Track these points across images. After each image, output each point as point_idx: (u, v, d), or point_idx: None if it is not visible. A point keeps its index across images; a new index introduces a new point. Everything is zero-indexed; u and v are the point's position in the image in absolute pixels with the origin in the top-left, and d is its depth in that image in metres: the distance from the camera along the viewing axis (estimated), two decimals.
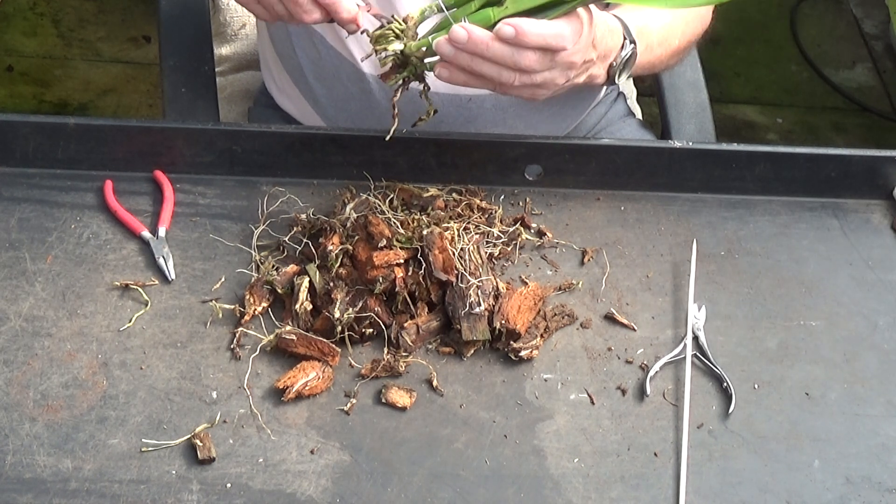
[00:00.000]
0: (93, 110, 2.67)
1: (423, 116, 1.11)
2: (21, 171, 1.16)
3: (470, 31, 1.02)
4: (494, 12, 1.05)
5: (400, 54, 1.07)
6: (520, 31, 1.02)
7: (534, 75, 1.05)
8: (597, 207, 1.22)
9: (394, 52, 1.06)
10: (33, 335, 1.02)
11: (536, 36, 1.02)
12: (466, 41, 1.02)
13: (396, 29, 1.06)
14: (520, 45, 1.03)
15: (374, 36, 1.06)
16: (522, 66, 1.04)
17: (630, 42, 1.15)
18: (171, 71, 1.43)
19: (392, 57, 1.07)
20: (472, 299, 1.04)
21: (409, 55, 1.07)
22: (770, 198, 1.25)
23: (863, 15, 3.29)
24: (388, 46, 1.06)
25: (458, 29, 1.03)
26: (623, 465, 0.98)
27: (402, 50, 1.06)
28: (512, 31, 1.02)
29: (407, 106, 1.11)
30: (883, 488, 0.99)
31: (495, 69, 1.04)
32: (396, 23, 1.06)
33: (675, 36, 1.26)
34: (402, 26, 1.07)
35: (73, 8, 2.93)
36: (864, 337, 1.12)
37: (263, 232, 1.13)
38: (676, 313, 1.11)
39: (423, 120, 1.11)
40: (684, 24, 1.26)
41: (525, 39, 1.02)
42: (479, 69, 1.04)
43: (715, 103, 1.59)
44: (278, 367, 1.02)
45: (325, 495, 0.93)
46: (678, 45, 1.27)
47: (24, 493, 0.91)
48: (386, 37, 1.06)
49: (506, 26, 1.02)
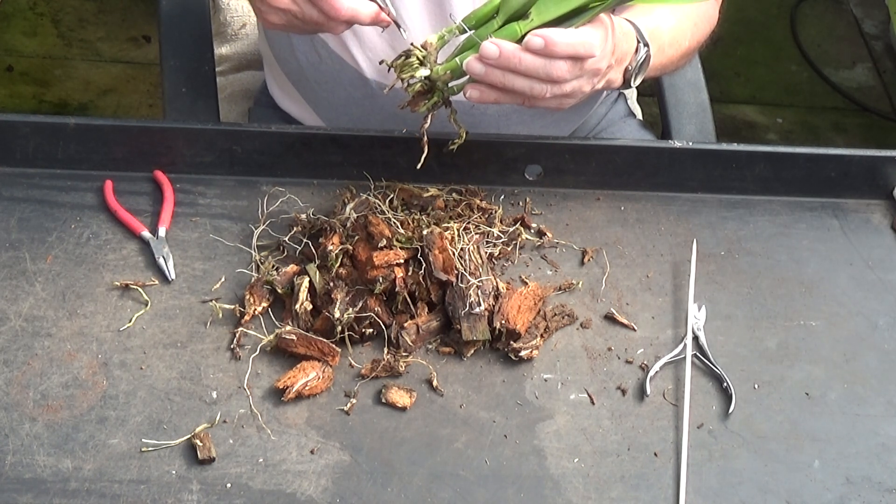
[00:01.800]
0: (93, 110, 2.67)
1: (455, 140, 1.10)
2: (21, 171, 1.16)
3: (501, 46, 1.02)
4: (521, 26, 1.05)
5: (426, 80, 1.05)
6: (549, 42, 1.02)
7: (563, 85, 1.06)
8: (597, 207, 1.22)
9: (421, 79, 1.05)
10: (33, 335, 1.02)
11: (566, 45, 1.03)
12: (498, 56, 1.02)
13: (419, 55, 1.05)
14: (550, 56, 1.03)
15: (398, 65, 1.05)
16: (554, 76, 1.04)
17: (644, 45, 1.16)
18: (171, 71, 1.43)
19: (419, 83, 1.05)
20: (472, 299, 1.04)
21: (436, 80, 1.05)
22: (770, 198, 1.25)
23: (863, 15, 3.29)
24: (415, 73, 1.05)
25: (489, 45, 1.02)
26: (623, 465, 0.98)
27: (429, 75, 1.05)
28: (541, 42, 1.02)
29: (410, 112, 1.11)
30: (883, 488, 0.99)
31: (527, 83, 1.05)
32: (417, 50, 1.05)
33: (684, 37, 1.26)
34: (423, 52, 1.05)
35: (73, 8, 2.93)
36: (864, 337, 1.12)
37: (263, 232, 1.13)
38: (676, 313, 1.11)
39: (455, 143, 1.10)
40: (693, 26, 1.26)
41: (555, 49, 1.02)
42: (511, 84, 1.04)
43: (715, 103, 1.59)
44: (278, 367, 1.02)
45: (325, 495, 0.93)
46: (688, 45, 1.28)
47: (24, 493, 0.91)
48: (410, 64, 1.05)
49: (535, 37, 1.02)
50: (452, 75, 1.06)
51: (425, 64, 1.05)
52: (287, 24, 1.11)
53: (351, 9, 1.08)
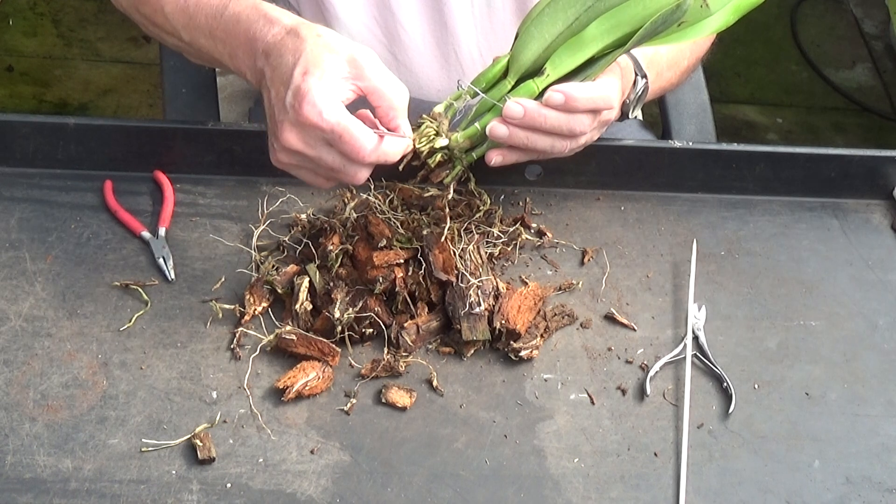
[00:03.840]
0: (93, 110, 2.67)
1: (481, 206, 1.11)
2: (21, 171, 1.16)
3: (525, 105, 1.02)
4: (537, 83, 1.05)
5: (446, 150, 1.04)
6: (569, 97, 1.02)
7: (580, 138, 1.07)
8: (597, 207, 1.22)
9: (441, 149, 1.03)
10: (33, 335, 1.02)
11: (587, 100, 1.04)
12: (523, 116, 1.02)
13: (434, 127, 1.03)
14: (571, 111, 1.03)
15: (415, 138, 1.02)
16: (577, 131, 1.05)
17: (642, 77, 1.16)
18: (171, 71, 1.43)
19: (440, 153, 1.04)
20: (472, 299, 1.04)
21: (454, 148, 1.04)
22: (770, 198, 1.25)
23: (863, 15, 3.29)
24: (434, 144, 1.03)
25: (514, 105, 1.02)
26: (623, 465, 0.98)
27: (447, 145, 1.04)
28: (562, 98, 1.02)
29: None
30: (883, 488, 0.99)
31: (549, 140, 1.05)
32: (429, 120, 1.03)
33: (683, 56, 1.27)
34: (435, 123, 1.03)
35: (73, 8, 2.93)
36: (864, 337, 1.12)
37: (263, 232, 1.13)
38: (676, 313, 1.11)
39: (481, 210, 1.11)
40: (692, 43, 1.26)
41: (576, 104, 1.03)
42: (533, 143, 1.04)
43: (715, 103, 1.59)
44: (278, 367, 1.02)
45: (325, 495, 0.93)
46: (688, 64, 1.28)
47: (24, 493, 0.91)
48: (427, 136, 1.03)
49: (555, 93, 1.02)
50: (471, 142, 1.05)
51: (441, 133, 1.03)
52: (297, 166, 1.01)
53: (381, 153, 0.98)
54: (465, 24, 1.27)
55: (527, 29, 1.05)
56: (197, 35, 1.08)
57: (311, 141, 0.97)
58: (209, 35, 1.07)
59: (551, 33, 1.04)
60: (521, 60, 1.05)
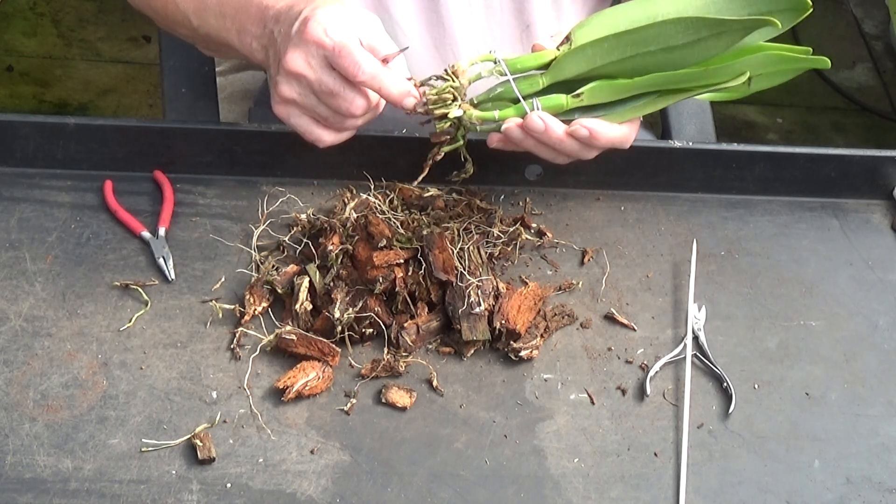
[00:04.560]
0: (93, 110, 2.68)
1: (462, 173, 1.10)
2: (21, 171, 1.16)
3: (547, 124, 1.03)
4: (568, 101, 1.05)
5: (457, 120, 1.04)
6: (594, 134, 1.04)
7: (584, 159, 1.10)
8: (597, 207, 1.22)
9: (452, 119, 1.03)
10: (33, 335, 1.02)
11: (608, 140, 1.06)
12: (542, 133, 1.03)
13: (453, 90, 1.02)
14: (590, 146, 1.06)
15: (432, 98, 1.02)
16: (585, 157, 1.08)
17: None
18: (171, 71, 1.43)
19: (450, 122, 1.03)
20: (472, 299, 1.04)
21: (465, 122, 1.04)
22: (770, 198, 1.25)
23: (863, 15, 3.29)
24: (448, 112, 1.03)
25: (536, 119, 1.03)
26: (623, 465, 0.98)
27: (461, 117, 1.04)
28: (587, 135, 1.04)
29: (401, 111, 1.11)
30: (883, 488, 0.99)
31: (553, 154, 1.08)
32: (451, 79, 1.02)
33: None
34: (455, 83, 1.02)
35: (73, 8, 2.93)
36: (864, 337, 1.12)
37: (263, 232, 1.13)
38: (676, 313, 1.11)
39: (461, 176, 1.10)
40: None
41: (597, 143, 1.05)
42: (538, 153, 1.07)
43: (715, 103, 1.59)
44: (278, 367, 1.02)
45: (325, 495, 0.93)
46: None
47: (24, 493, 0.91)
48: (445, 101, 1.03)
49: (582, 129, 1.04)
50: (483, 123, 1.05)
51: (458, 97, 1.03)
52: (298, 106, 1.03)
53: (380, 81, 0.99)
54: (462, 25, 1.27)
55: (583, 46, 1.04)
56: (206, 17, 1.10)
57: (312, 61, 0.99)
58: (219, 14, 1.09)
59: (604, 59, 1.03)
60: (564, 69, 1.05)
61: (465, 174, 1.10)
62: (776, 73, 1.08)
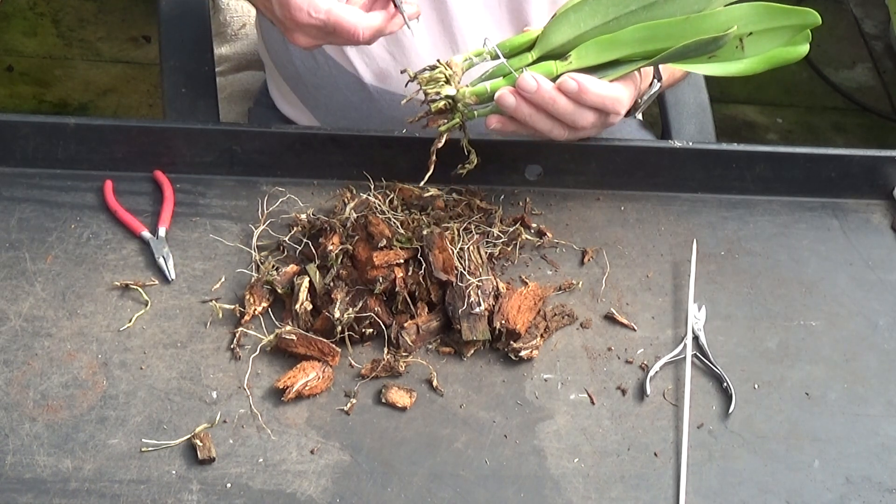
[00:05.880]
0: (93, 110, 2.68)
1: (466, 165, 1.10)
2: (21, 171, 1.16)
3: (539, 82, 1.03)
4: (557, 66, 1.05)
5: (450, 99, 1.05)
6: (582, 88, 1.03)
7: (580, 131, 1.08)
8: (597, 207, 1.22)
9: (445, 97, 1.04)
10: (33, 335, 1.02)
11: (597, 96, 1.04)
12: (535, 91, 1.02)
13: (445, 73, 1.04)
14: (580, 102, 1.04)
15: (424, 78, 1.04)
16: (579, 125, 1.06)
17: (658, 80, 1.17)
18: (171, 71, 1.44)
19: (443, 101, 1.04)
20: (472, 299, 1.04)
21: (459, 101, 1.05)
22: (770, 198, 1.25)
23: (863, 15, 3.29)
24: (441, 90, 1.04)
25: (529, 78, 1.02)
26: (623, 465, 0.98)
27: (454, 95, 1.04)
28: (575, 87, 1.03)
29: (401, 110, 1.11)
30: (883, 488, 0.99)
31: (550, 124, 1.06)
32: (443, 67, 1.04)
33: None
34: (448, 71, 1.04)
35: (73, 8, 2.93)
36: (864, 337, 1.12)
37: (263, 232, 1.13)
38: (676, 313, 1.11)
39: (465, 168, 1.10)
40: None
41: (586, 97, 1.04)
42: (534, 123, 1.05)
43: (715, 103, 1.59)
44: (278, 367, 1.02)
45: (325, 495, 0.93)
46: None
47: (24, 493, 0.91)
48: (437, 80, 1.04)
49: (570, 80, 1.03)
50: (477, 100, 1.06)
51: (451, 82, 1.04)
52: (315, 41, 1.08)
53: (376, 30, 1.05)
54: (468, 22, 1.27)
55: (565, 12, 1.06)
56: None
57: (314, 33, 1.06)
58: None
59: (587, 24, 1.05)
60: (550, 40, 1.06)
61: (469, 165, 1.09)
62: (768, 33, 1.06)
